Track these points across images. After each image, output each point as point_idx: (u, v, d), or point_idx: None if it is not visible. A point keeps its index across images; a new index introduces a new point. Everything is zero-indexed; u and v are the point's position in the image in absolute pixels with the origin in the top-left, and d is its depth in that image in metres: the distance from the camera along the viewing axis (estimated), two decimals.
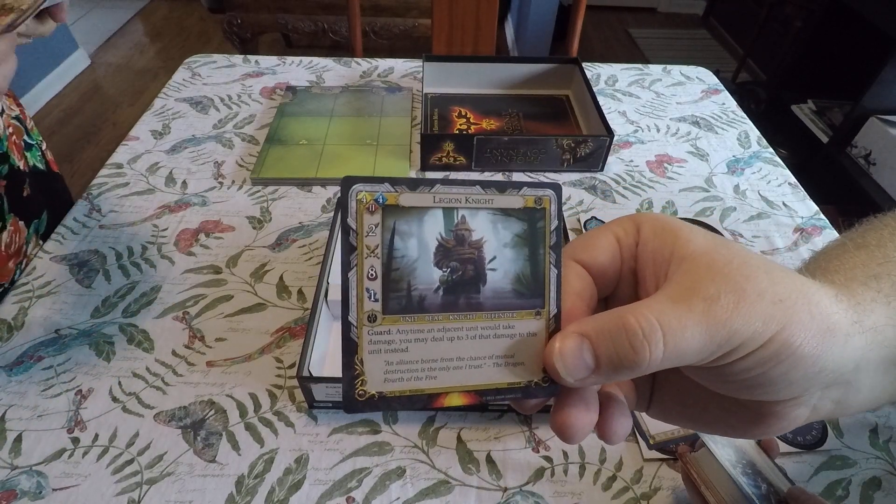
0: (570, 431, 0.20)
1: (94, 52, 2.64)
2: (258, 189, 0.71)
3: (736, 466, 0.37)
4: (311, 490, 0.43)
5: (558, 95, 0.91)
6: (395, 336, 0.19)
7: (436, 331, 0.20)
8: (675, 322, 0.18)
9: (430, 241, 0.20)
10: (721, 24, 3.15)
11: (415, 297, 0.19)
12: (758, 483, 0.36)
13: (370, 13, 2.03)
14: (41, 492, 0.42)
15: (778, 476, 0.38)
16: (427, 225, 0.19)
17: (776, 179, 0.77)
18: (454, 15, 1.19)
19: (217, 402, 0.49)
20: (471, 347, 0.20)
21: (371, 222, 0.19)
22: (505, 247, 0.20)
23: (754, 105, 2.24)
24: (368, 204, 0.19)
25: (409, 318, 0.20)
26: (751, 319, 0.18)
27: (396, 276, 0.19)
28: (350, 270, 0.19)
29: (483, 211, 0.20)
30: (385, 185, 0.19)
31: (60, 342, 0.52)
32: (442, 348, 0.20)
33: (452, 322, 0.20)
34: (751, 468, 0.37)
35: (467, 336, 0.20)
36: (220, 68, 0.95)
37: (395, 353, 0.19)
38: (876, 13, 1.63)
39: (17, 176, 0.62)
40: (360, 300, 0.19)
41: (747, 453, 0.38)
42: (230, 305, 0.57)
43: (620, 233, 0.22)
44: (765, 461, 0.38)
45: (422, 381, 0.20)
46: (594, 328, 0.19)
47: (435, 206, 0.20)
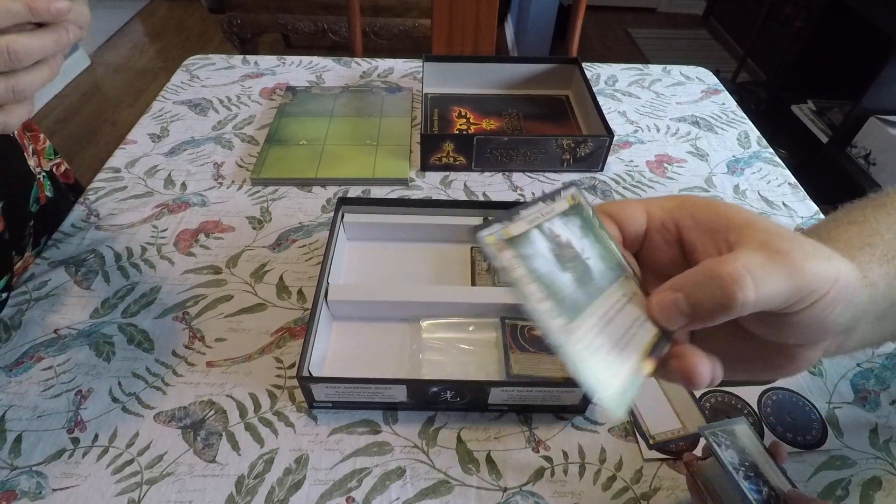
0: (695, 378, 0.23)
1: (94, 53, 2.64)
2: (258, 189, 0.71)
3: (739, 470, 0.37)
4: (311, 490, 0.43)
5: (558, 95, 0.91)
6: (588, 332, 0.22)
7: (606, 308, 0.23)
8: (760, 270, 0.20)
9: (548, 252, 0.23)
10: (721, 24, 3.15)
11: (573, 295, 0.23)
12: (759, 487, 0.36)
13: (370, 13, 2.03)
14: (41, 492, 0.42)
15: (780, 479, 0.38)
16: (536, 242, 0.23)
17: (776, 179, 0.77)
18: (454, 15, 1.19)
19: (217, 402, 0.49)
20: (631, 314, 0.24)
21: (508, 257, 0.22)
22: (580, 238, 0.25)
23: (754, 105, 2.24)
24: (497, 244, 0.22)
25: (585, 313, 0.23)
26: (818, 270, 0.21)
27: (553, 288, 0.22)
28: (526, 304, 0.22)
29: (554, 218, 0.24)
30: (496, 225, 0.23)
31: (60, 342, 0.52)
32: (618, 324, 0.23)
33: (609, 299, 0.24)
34: (753, 470, 0.37)
35: (623, 307, 0.24)
36: (218, 70, 0.95)
37: (599, 344, 0.22)
38: (876, 13, 1.63)
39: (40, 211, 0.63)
40: (548, 321, 0.22)
41: (751, 455, 0.38)
42: (230, 305, 0.57)
43: (654, 208, 0.26)
44: (767, 463, 0.38)
45: (623, 360, 0.23)
46: (686, 282, 0.22)
47: (530, 226, 0.24)
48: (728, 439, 0.38)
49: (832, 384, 0.52)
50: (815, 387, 0.52)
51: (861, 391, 0.52)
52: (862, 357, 0.55)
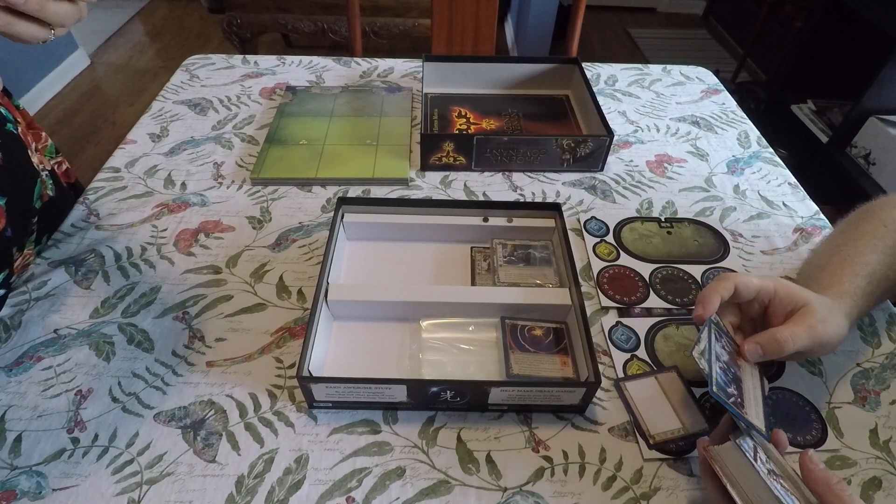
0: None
1: (94, 52, 2.64)
2: (258, 189, 0.71)
3: (756, 459, 0.37)
4: (311, 490, 0.43)
5: (558, 95, 0.91)
6: (749, 400, 0.43)
7: (745, 381, 0.45)
8: (798, 337, 0.43)
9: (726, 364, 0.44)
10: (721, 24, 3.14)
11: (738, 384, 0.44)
12: (778, 480, 0.36)
13: (370, 13, 2.03)
14: (41, 492, 0.42)
15: (784, 467, 0.38)
16: (713, 369, 0.42)
17: (776, 179, 0.77)
18: (454, 15, 1.19)
19: (217, 402, 0.49)
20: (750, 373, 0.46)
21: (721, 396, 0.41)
22: (723, 353, 0.45)
23: (754, 105, 2.24)
24: (720, 392, 0.41)
25: (745, 393, 0.44)
26: (826, 333, 0.44)
27: (733, 392, 0.43)
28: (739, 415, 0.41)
29: (714, 345, 0.45)
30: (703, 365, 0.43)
31: (60, 342, 0.52)
32: (750, 382, 0.45)
33: (744, 371, 0.46)
34: (764, 455, 0.38)
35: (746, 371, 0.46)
36: (218, 69, 0.95)
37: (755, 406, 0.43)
38: (876, 13, 1.63)
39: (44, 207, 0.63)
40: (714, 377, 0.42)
41: (761, 443, 0.39)
42: (230, 305, 0.57)
43: (765, 286, 0.46)
44: (777, 455, 0.39)
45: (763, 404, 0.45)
46: (761, 341, 0.44)
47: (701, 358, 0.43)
48: (742, 432, 0.40)
49: (832, 384, 0.52)
50: (815, 387, 0.52)
51: (861, 391, 0.52)
52: (862, 357, 0.55)
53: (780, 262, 0.64)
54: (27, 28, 0.39)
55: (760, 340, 0.44)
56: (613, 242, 0.66)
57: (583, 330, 0.50)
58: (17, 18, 0.38)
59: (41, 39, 0.41)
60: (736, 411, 0.40)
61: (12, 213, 0.57)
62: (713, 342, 0.44)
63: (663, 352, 0.54)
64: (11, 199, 0.57)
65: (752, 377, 0.45)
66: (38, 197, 0.62)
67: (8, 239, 0.56)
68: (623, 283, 0.61)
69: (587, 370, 0.48)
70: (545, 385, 0.47)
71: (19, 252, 0.59)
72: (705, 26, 3.24)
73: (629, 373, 0.52)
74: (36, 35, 0.40)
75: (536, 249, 0.61)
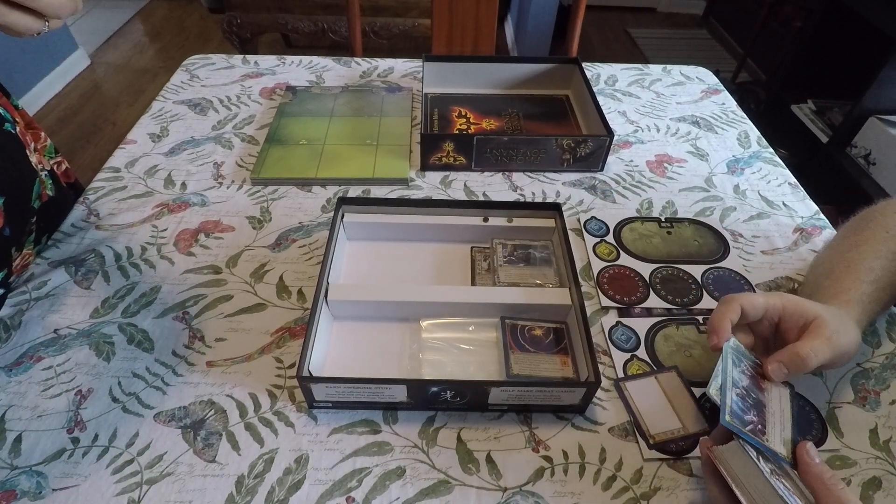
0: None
1: (94, 52, 2.64)
2: (258, 189, 0.71)
3: (759, 459, 0.37)
4: (311, 490, 0.43)
5: (558, 95, 0.91)
6: (771, 426, 0.42)
7: (769, 406, 0.43)
8: (819, 350, 0.42)
9: (738, 398, 0.42)
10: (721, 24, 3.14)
11: (759, 410, 0.43)
12: (781, 480, 0.36)
13: (370, 13, 2.03)
14: (41, 492, 0.42)
15: (788, 473, 0.38)
16: (730, 396, 0.41)
17: (776, 179, 0.77)
18: (454, 15, 1.19)
19: (217, 402, 0.49)
20: (776, 394, 0.45)
21: (736, 425, 0.39)
22: (739, 369, 0.44)
23: (754, 105, 2.24)
24: (732, 419, 0.40)
25: (767, 418, 0.42)
26: (843, 345, 0.43)
27: (752, 419, 0.41)
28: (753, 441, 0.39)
29: (732, 371, 0.43)
30: (716, 397, 0.41)
31: (60, 342, 0.52)
32: (776, 406, 0.44)
33: (768, 395, 0.44)
34: (770, 453, 0.38)
35: (770, 394, 0.44)
36: (218, 69, 0.95)
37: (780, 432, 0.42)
38: (876, 13, 1.63)
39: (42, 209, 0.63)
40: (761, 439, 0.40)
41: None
42: (230, 305, 0.57)
43: (770, 304, 0.45)
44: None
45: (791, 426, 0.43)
46: (784, 360, 0.43)
47: (719, 388, 0.42)
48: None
49: (832, 384, 0.52)
50: (815, 387, 0.52)
51: (861, 391, 0.52)
52: (862, 357, 0.55)
53: (781, 263, 0.64)
54: (21, 19, 0.38)
55: (783, 358, 0.43)
56: (613, 242, 0.66)
57: (583, 330, 0.50)
58: (10, 9, 0.37)
59: (35, 31, 0.40)
60: (753, 439, 0.38)
61: (10, 213, 0.57)
62: (730, 368, 0.43)
63: (663, 352, 0.54)
64: (9, 198, 0.57)
65: (781, 398, 0.44)
66: (37, 197, 0.62)
67: (6, 239, 0.56)
68: (623, 283, 0.61)
69: (587, 370, 0.48)
70: (545, 385, 0.47)
71: (18, 252, 0.59)
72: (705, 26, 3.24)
73: (629, 373, 0.52)
74: (30, 26, 0.39)
75: (536, 249, 0.61)
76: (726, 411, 0.39)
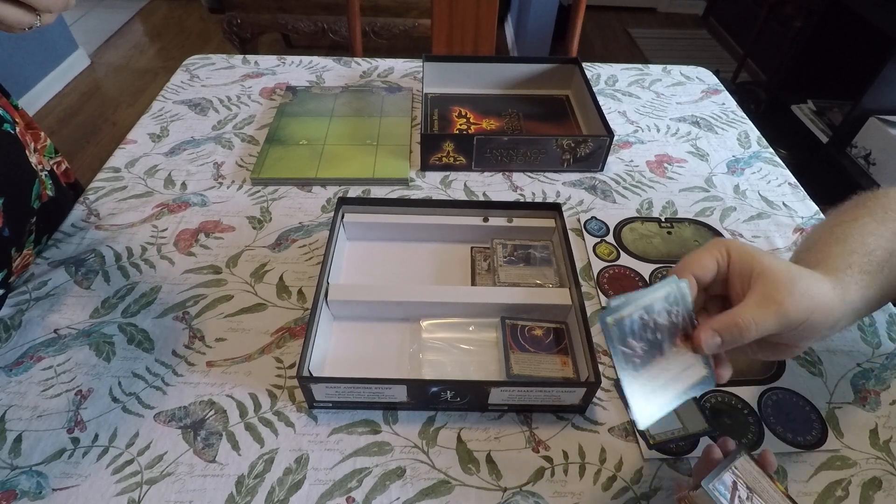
0: (720, 378, 0.37)
1: (94, 52, 2.64)
2: (258, 189, 0.71)
3: (734, 499, 0.36)
4: (311, 490, 0.43)
5: (558, 95, 0.91)
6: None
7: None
8: (760, 318, 0.34)
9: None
10: (721, 24, 3.14)
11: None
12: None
13: (370, 13, 2.03)
14: (41, 492, 0.42)
15: (771, 495, 0.37)
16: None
17: (776, 179, 0.77)
18: (454, 15, 1.19)
19: (217, 402, 0.49)
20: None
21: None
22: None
23: (754, 105, 2.24)
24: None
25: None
26: (799, 311, 0.34)
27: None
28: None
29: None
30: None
31: (60, 342, 0.52)
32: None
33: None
34: (745, 491, 0.37)
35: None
36: (218, 69, 0.95)
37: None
38: (876, 13, 1.63)
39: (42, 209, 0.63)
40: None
41: (746, 473, 0.37)
42: (230, 305, 0.57)
43: (718, 256, 0.37)
44: (761, 476, 0.37)
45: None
46: (720, 326, 0.35)
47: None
48: (725, 462, 0.37)
49: (832, 384, 0.52)
50: (815, 387, 0.52)
51: (861, 391, 0.52)
52: (862, 357, 0.55)
53: None
54: (12, 12, 0.38)
55: (717, 326, 0.35)
56: (613, 242, 0.66)
57: (583, 330, 0.50)
58: (0, 2, 0.37)
59: (27, 25, 0.39)
60: (615, 347, 0.34)
61: (10, 214, 0.57)
62: (657, 297, 0.35)
63: None
64: (9, 199, 0.57)
65: (686, 368, 0.36)
66: (37, 197, 0.62)
67: (6, 239, 0.56)
68: (623, 283, 0.61)
69: (587, 370, 0.48)
70: (545, 385, 0.47)
71: (18, 252, 0.59)
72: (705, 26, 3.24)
73: None
74: (21, 20, 0.38)
75: (536, 249, 0.61)
76: (613, 314, 0.33)
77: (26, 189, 0.61)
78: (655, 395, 0.35)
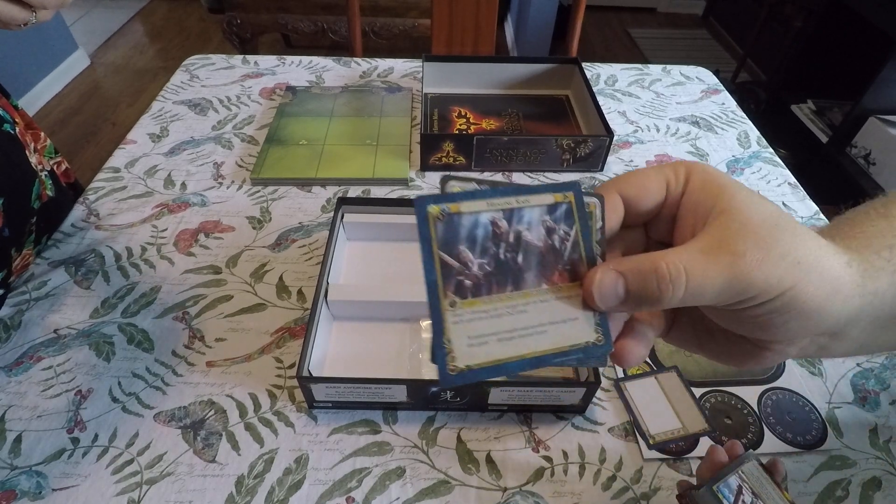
0: (622, 356, 0.24)
1: (94, 52, 2.64)
2: (258, 189, 0.71)
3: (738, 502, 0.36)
4: (310, 490, 0.43)
5: (558, 95, 0.91)
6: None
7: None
8: (699, 271, 0.21)
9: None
10: (721, 24, 3.15)
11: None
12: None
13: (370, 13, 2.03)
14: (41, 492, 0.42)
15: (777, 501, 0.37)
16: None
17: (776, 179, 0.77)
18: (454, 15, 1.19)
19: (217, 402, 0.49)
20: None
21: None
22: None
23: (754, 105, 2.24)
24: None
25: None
26: (770, 276, 0.21)
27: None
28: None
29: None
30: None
31: (60, 342, 0.52)
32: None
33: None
34: (750, 496, 0.37)
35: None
36: (218, 70, 0.95)
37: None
38: (876, 13, 1.63)
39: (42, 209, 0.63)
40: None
41: (753, 479, 0.37)
42: (230, 305, 0.57)
43: (671, 178, 0.25)
44: (768, 483, 0.37)
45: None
46: (630, 268, 0.22)
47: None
48: (732, 464, 0.37)
49: (832, 384, 0.52)
50: (815, 387, 0.52)
51: (861, 391, 0.52)
52: (862, 357, 0.55)
53: None
54: (6, 8, 0.38)
55: (626, 267, 0.22)
56: None
57: None
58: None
59: (21, 21, 0.39)
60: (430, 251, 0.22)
61: (10, 214, 0.57)
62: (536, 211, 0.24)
63: (663, 352, 0.54)
64: (9, 199, 0.57)
65: (559, 322, 0.23)
66: (37, 197, 0.62)
67: (6, 239, 0.56)
68: None
69: (587, 370, 0.48)
70: (545, 385, 0.47)
71: (17, 252, 0.59)
72: (705, 26, 3.24)
73: (629, 373, 0.52)
74: (16, 16, 0.38)
75: None
76: (442, 202, 0.23)
77: (26, 189, 0.61)
78: (486, 345, 0.22)
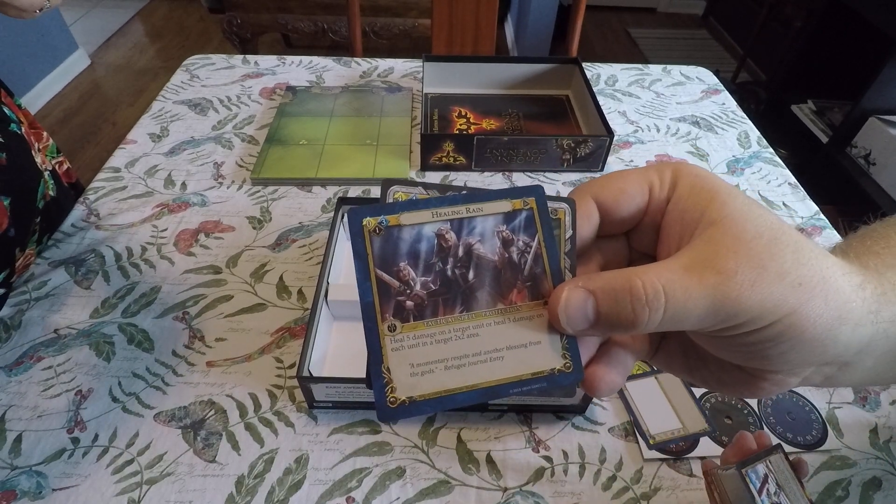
0: (594, 386, 0.21)
1: (94, 52, 2.64)
2: (258, 189, 0.71)
3: (762, 491, 0.36)
4: (311, 490, 0.43)
5: (558, 95, 0.91)
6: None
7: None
8: (680, 292, 0.18)
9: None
10: (721, 24, 3.15)
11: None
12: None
13: (370, 13, 2.03)
14: (41, 492, 0.42)
15: (798, 498, 0.37)
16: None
17: (776, 179, 0.77)
18: (454, 15, 1.19)
19: (217, 402, 0.49)
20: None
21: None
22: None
23: (754, 105, 2.24)
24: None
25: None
26: (764, 300, 0.18)
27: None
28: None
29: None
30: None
31: (60, 342, 0.52)
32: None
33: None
34: (775, 486, 0.36)
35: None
36: (218, 70, 0.95)
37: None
38: (876, 13, 1.63)
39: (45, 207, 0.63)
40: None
41: (779, 471, 0.37)
42: (230, 305, 0.57)
43: (655, 181, 0.22)
44: (792, 479, 0.37)
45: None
46: (601, 286, 0.19)
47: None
48: (756, 455, 0.37)
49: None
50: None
51: (861, 391, 0.52)
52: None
53: None
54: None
55: (597, 285, 0.19)
56: None
57: None
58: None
59: (38, 7, 0.40)
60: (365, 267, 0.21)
61: (16, 214, 0.57)
62: (489, 220, 0.21)
63: None
64: (15, 199, 0.57)
65: (518, 346, 0.21)
66: (42, 197, 0.62)
67: (11, 239, 0.56)
68: None
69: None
70: None
71: (21, 252, 0.59)
72: (705, 26, 3.24)
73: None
74: (32, 2, 0.39)
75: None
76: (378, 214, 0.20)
77: (33, 189, 0.61)
78: (432, 374, 0.20)
